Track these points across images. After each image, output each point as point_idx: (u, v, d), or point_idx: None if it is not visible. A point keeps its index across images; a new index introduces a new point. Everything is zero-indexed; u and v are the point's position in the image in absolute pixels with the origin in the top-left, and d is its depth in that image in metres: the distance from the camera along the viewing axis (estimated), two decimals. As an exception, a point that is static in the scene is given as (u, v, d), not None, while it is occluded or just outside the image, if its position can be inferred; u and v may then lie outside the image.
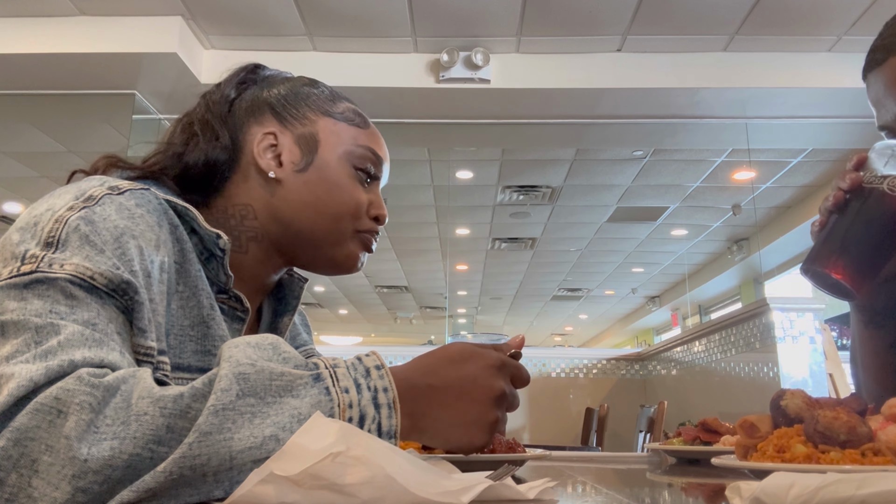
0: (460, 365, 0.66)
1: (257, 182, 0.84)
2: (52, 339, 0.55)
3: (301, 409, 0.55)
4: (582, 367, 4.91)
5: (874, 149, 0.86)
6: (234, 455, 0.51)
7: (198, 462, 0.50)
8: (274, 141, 0.85)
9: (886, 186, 0.82)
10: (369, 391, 0.59)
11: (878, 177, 0.83)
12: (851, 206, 0.85)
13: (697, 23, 3.79)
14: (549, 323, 13.80)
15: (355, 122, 0.89)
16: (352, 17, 3.77)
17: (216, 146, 0.83)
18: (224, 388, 0.53)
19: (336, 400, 0.57)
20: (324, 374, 0.58)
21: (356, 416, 0.58)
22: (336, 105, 0.89)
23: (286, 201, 0.84)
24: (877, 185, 0.83)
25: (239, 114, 0.86)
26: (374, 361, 0.62)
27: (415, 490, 0.47)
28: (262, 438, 0.52)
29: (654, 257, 8.83)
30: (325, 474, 0.47)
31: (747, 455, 0.82)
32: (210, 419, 0.51)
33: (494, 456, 0.87)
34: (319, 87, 0.91)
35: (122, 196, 0.68)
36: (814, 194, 6.21)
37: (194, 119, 0.87)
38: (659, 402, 3.40)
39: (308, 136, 0.85)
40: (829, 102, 4.16)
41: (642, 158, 5.60)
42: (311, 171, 0.84)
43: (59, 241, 0.61)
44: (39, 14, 3.76)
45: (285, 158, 0.84)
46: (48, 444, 0.49)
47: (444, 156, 5.61)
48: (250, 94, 0.88)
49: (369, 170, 0.88)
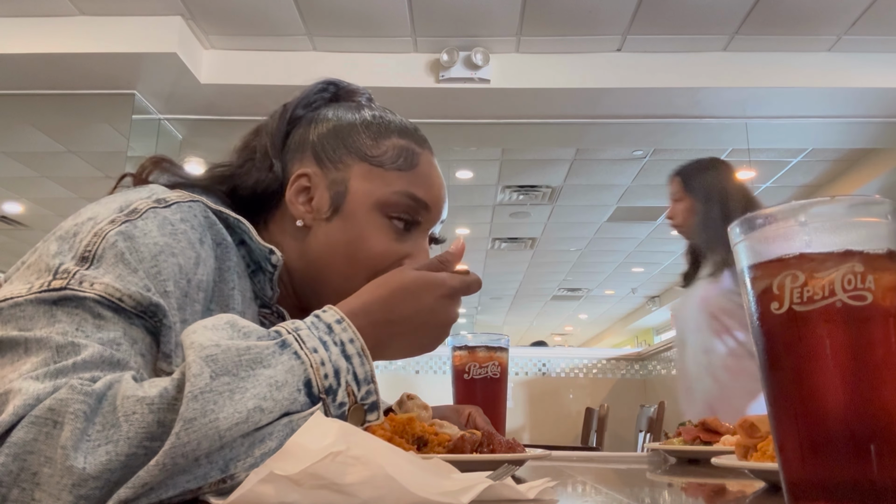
0: (416, 297, 0.69)
1: (291, 222, 0.82)
2: (69, 360, 0.54)
3: (276, 376, 0.56)
4: (582, 367, 4.91)
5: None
6: (223, 433, 0.51)
7: (188, 448, 0.50)
8: (307, 183, 0.82)
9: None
10: (336, 346, 0.61)
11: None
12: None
13: (697, 22, 3.79)
14: (549, 323, 13.80)
15: (398, 165, 0.83)
16: (352, 16, 3.77)
17: (266, 173, 0.82)
18: (196, 373, 0.53)
19: (307, 361, 0.58)
20: (289, 340, 0.59)
21: (330, 371, 0.59)
22: (379, 146, 0.83)
23: (311, 248, 0.81)
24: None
25: (290, 148, 0.84)
26: (332, 316, 0.63)
27: (415, 490, 0.47)
28: (246, 412, 0.53)
29: (654, 257, 8.83)
30: (324, 474, 0.47)
31: (747, 455, 0.82)
32: (191, 405, 0.51)
33: (494, 456, 0.87)
34: (369, 126, 0.85)
35: (169, 210, 0.67)
36: (813, 194, 6.21)
37: (258, 145, 0.84)
38: (659, 402, 3.40)
39: (339, 182, 0.81)
40: (829, 102, 4.16)
41: (642, 158, 5.60)
42: (336, 221, 0.80)
43: (94, 257, 0.61)
44: (39, 14, 3.76)
45: (315, 204, 0.81)
46: (47, 456, 0.49)
47: (443, 156, 5.57)
48: (306, 121, 0.86)
49: (406, 217, 0.82)
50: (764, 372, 0.46)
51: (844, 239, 0.44)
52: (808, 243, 0.44)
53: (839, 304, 0.42)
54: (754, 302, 0.46)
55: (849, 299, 0.42)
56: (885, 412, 0.42)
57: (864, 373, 0.42)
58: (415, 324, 0.69)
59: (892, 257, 0.44)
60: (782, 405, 0.45)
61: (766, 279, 0.45)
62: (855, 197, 0.44)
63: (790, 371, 0.44)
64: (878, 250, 0.43)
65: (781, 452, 0.45)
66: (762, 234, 0.46)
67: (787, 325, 0.44)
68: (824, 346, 0.43)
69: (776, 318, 0.44)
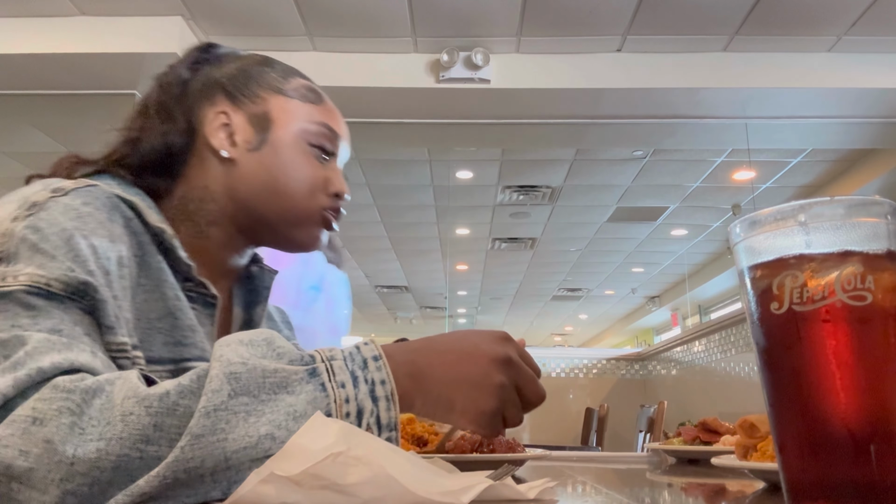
0: (463, 335, 0.66)
1: (213, 164, 0.83)
2: (19, 351, 0.54)
3: (296, 405, 0.54)
4: (582, 367, 4.91)
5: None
6: (229, 456, 0.50)
7: (192, 465, 0.49)
8: (226, 120, 0.83)
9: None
10: (366, 384, 0.58)
11: None
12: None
13: (697, 23, 3.79)
14: (549, 323, 13.80)
15: (309, 99, 0.87)
16: (352, 17, 3.77)
17: (172, 129, 0.82)
18: (215, 388, 0.52)
19: (332, 395, 0.56)
20: (320, 369, 0.57)
21: (353, 410, 0.57)
22: (289, 82, 0.87)
23: (242, 181, 0.82)
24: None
25: (193, 95, 0.85)
26: (371, 352, 0.61)
27: (415, 490, 0.47)
28: (257, 437, 0.51)
29: (654, 257, 8.83)
30: (325, 474, 0.47)
31: (747, 455, 0.82)
32: (202, 421, 0.50)
33: (494, 456, 0.87)
34: (272, 64, 0.89)
35: (67, 197, 0.67)
36: (813, 194, 6.21)
37: (149, 103, 0.85)
38: (659, 402, 3.40)
39: (260, 115, 0.84)
40: (828, 102, 4.16)
41: (642, 158, 5.60)
42: (265, 150, 0.83)
43: (8, 256, 0.60)
44: (39, 14, 3.76)
45: (238, 138, 0.83)
46: (22, 450, 0.48)
47: (444, 156, 5.61)
48: (203, 74, 0.86)
49: (325, 146, 0.86)
50: (764, 372, 0.46)
51: (844, 239, 0.43)
52: (808, 243, 0.44)
53: (839, 305, 0.42)
54: (754, 302, 0.46)
55: (848, 299, 0.42)
56: (885, 412, 0.42)
57: (864, 373, 0.42)
58: (457, 353, 0.64)
59: (892, 257, 0.44)
60: (782, 405, 0.45)
61: (766, 279, 0.45)
62: (855, 197, 0.44)
63: (790, 371, 0.44)
64: (878, 250, 0.43)
65: (781, 452, 0.45)
66: (762, 234, 0.46)
67: (786, 325, 0.44)
68: (824, 347, 0.43)
69: (776, 319, 0.44)
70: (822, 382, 0.43)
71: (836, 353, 0.42)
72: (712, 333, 4.06)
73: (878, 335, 0.43)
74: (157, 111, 0.84)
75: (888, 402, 0.42)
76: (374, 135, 4.58)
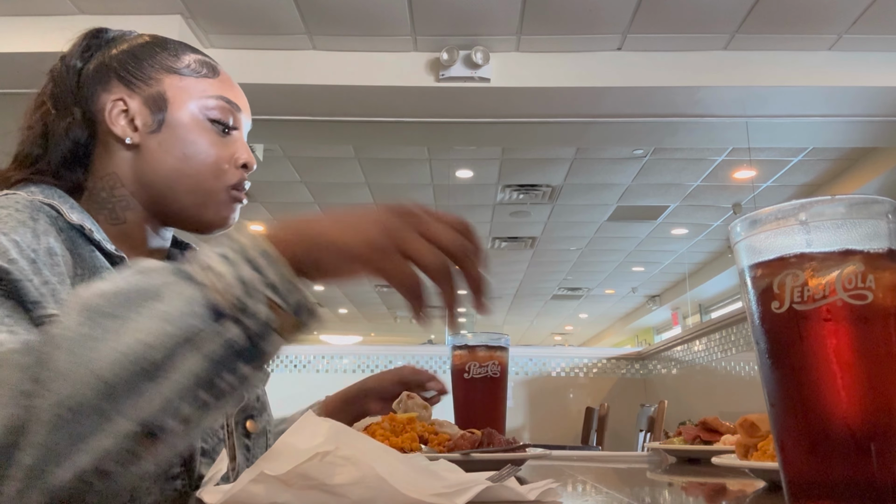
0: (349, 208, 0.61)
1: (119, 150, 0.83)
2: None
3: (168, 309, 0.50)
4: (582, 367, 4.91)
5: None
6: (103, 376, 0.48)
7: (73, 401, 0.47)
8: (124, 106, 0.83)
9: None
10: (237, 253, 0.53)
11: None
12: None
13: (698, 21, 3.79)
14: (549, 322, 13.80)
15: (204, 74, 0.87)
16: (351, 15, 3.77)
17: (73, 124, 0.83)
18: (65, 323, 0.50)
19: (207, 282, 0.52)
20: (189, 268, 0.54)
21: (234, 284, 0.52)
22: (180, 60, 0.87)
23: (148, 165, 0.83)
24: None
25: (87, 85, 0.85)
26: (237, 227, 0.58)
27: (406, 491, 0.47)
28: (126, 348, 0.48)
29: (655, 256, 8.83)
30: (313, 474, 0.46)
31: (748, 454, 0.82)
32: (59, 355, 0.48)
33: (494, 456, 0.87)
34: (163, 44, 0.89)
35: None
36: (814, 193, 6.21)
37: (45, 98, 0.86)
38: (659, 402, 3.40)
39: (156, 97, 0.84)
40: (829, 101, 4.15)
41: (642, 157, 5.60)
42: (165, 131, 0.83)
43: None
44: (39, 13, 3.76)
45: (138, 122, 0.83)
46: None
47: (443, 155, 5.60)
48: (95, 61, 0.86)
49: (225, 120, 0.86)
50: (764, 371, 0.46)
51: (845, 238, 0.43)
52: (809, 242, 0.44)
53: (840, 303, 0.42)
54: (755, 301, 0.46)
55: (849, 298, 0.42)
56: (886, 411, 0.42)
57: (864, 372, 0.42)
58: (342, 214, 0.59)
59: (893, 256, 0.43)
60: (783, 404, 0.45)
61: (767, 278, 0.45)
62: (855, 196, 0.44)
63: (791, 370, 0.44)
64: (879, 249, 0.43)
65: (782, 452, 0.45)
66: (763, 233, 0.46)
67: (787, 324, 0.44)
68: (825, 345, 0.43)
69: (777, 317, 0.44)
70: (823, 381, 0.43)
71: (836, 352, 0.42)
72: (713, 332, 4.06)
73: (879, 334, 0.42)
74: (54, 105, 0.85)
75: (889, 401, 0.42)
76: (373, 134, 4.58)
